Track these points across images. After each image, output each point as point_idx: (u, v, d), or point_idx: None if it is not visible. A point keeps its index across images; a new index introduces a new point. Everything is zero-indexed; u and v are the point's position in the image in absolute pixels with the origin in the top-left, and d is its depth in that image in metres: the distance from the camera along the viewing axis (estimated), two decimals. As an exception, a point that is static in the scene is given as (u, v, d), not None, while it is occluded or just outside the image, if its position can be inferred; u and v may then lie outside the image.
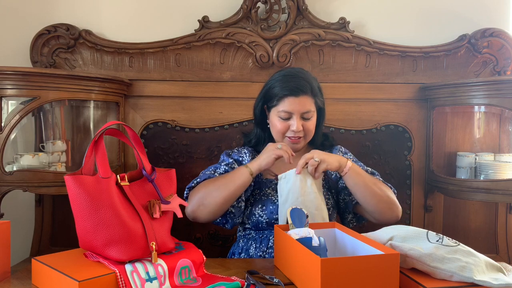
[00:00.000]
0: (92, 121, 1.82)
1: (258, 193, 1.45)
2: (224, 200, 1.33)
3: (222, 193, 1.33)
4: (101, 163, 1.04)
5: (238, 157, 1.50)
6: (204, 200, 1.35)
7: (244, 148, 1.53)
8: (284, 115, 1.41)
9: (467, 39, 1.92)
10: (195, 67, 1.90)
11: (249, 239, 1.45)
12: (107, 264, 1.01)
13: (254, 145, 1.56)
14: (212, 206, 1.34)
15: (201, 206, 1.35)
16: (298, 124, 1.40)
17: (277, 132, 1.44)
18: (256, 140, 1.55)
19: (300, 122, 1.40)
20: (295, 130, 1.40)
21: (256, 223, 1.42)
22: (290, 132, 1.42)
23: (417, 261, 0.99)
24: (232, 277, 1.07)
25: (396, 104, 1.93)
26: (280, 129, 1.42)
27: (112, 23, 1.92)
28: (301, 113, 1.40)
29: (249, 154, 1.50)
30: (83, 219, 1.01)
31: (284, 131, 1.42)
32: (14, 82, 1.53)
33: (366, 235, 1.11)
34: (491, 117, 1.91)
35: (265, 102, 1.48)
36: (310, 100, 1.42)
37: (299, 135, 1.42)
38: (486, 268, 0.97)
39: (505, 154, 1.81)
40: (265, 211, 1.40)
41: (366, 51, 1.91)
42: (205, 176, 1.43)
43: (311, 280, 0.92)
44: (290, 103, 1.39)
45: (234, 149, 1.55)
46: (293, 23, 1.89)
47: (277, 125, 1.43)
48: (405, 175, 1.94)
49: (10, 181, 1.53)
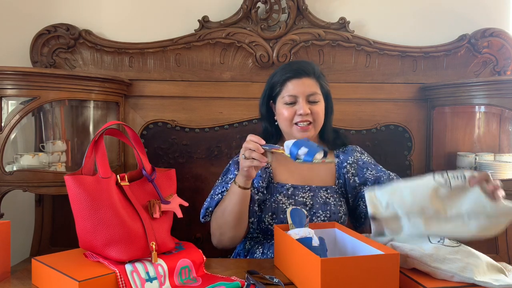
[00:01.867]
0: (92, 121, 1.82)
1: (269, 199, 1.38)
2: (237, 221, 1.30)
3: (231, 217, 1.29)
4: (101, 163, 1.04)
5: None
6: (221, 230, 1.33)
7: None
8: (289, 99, 1.36)
9: (467, 39, 1.92)
10: (195, 67, 1.90)
11: (256, 242, 1.42)
12: (107, 264, 1.01)
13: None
14: (232, 232, 1.32)
15: (222, 236, 1.33)
16: (305, 107, 1.33)
17: (284, 120, 1.38)
18: (264, 136, 1.47)
19: (307, 106, 1.34)
20: (303, 113, 1.33)
21: (265, 231, 1.38)
22: (298, 117, 1.35)
23: (418, 262, 0.99)
24: (232, 277, 1.07)
25: (396, 104, 1.93)
26: (287, 116, 1.36)
27: (112, 23, 1.92)
28: (307, 96, 1.35)
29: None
30: (83, 219, 1.01)
31: (291, 118, 1.36)
32: (14, 82, 1.53)
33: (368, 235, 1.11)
34: (491, 117, 1.91)
35: (270, 96, 1.44)
36: (314, 83, 1.38)
37: (308, 119, 1.35)
38: (487, 269, 0.97)
39: (505, 154, 1.81)
40: (275, 219, 1.36)
41: (366, 51, 1.91)
42: (214, 202, 1.37)
43: (311, 280, 0.92)
44: (294, 86, 1.36)
45: None
46: (293, 23, 1.89)
47: (283, 113, 1.37)
48: (405, 175, 1.92)
49: (10, 181, 1.53)
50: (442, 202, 1.03)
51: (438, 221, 1.05)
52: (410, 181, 1.12)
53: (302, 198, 1.39)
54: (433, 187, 1.05)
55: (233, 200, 1.28)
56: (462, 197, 1.04)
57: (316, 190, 1.40)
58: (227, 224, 1.31)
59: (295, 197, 1.39)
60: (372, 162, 1.49)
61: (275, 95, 1.41)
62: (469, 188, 1.03)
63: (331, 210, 1.38)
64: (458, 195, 1.03)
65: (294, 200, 1.38)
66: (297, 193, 1.39)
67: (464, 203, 1.02)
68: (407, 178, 1.14)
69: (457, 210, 1.02)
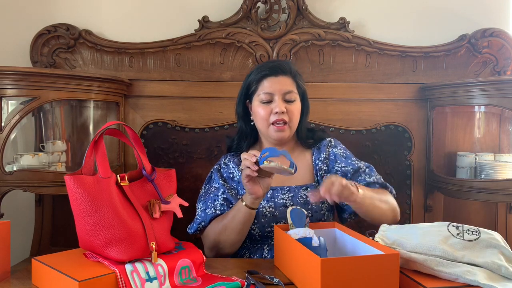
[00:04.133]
0: (92, 121, 1.82)
1: None
2: (239, 237, 1.30)
3: (233, 235, 1.29)
4: (101, 163, 1.04)
5: (228, 174, 1.44)
6: (220, 244, 1.31)
7: (230, 161, 1.46)
8: (265, 97, 1.36)
9: (467, 39, 1.92)
10: (195, 67, 1.90)
11: (243, 247, 1.40)
12: (107, 264, 1.00)
13: (236, 147, 1.49)
14: (231, 248, 1.32)
15: (219, 250, 1.32)
16: (281, 105, 1.34)
17: (261, 120, 1.37)
18: (239, 136, 1.49)
19: (283, 104, 1.35)
20: (278, 111, 1.33)
21: (250, 236, 1.36)
22: (274, 116, 1.34)
23: (421, 265, 0.99)
24: (232, 277, 1.07)
25: (396, 104, 1.93)
26: (263, 115, 1.36)
27: (112, 23, 1.92)
28: (283, 94, 1.35)
29: (236, 167, 1.44)
30: (83, 219, 1.01)
31: (267, 116, 1.35)
32: (14, 82, 1.53)
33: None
34: (491, 117, 1.91)
35: (246, 95, 1.43)
36: (290, 81, 1.38)
37: (284, 118, 1.34)
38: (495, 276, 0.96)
39: (505, 154, 1.81)
40: (256, 224, 1.35)
41: (366, 51, 1.91)
42: (207, 216, 1.36)
43: (311, 280, 0.92)
44: (270, 84, 1.36)
45: (222, 163, 1.48)
46: (293, 23, 1.89)
47: (260, 112, 1.37)
48: (405, 175, 1.94)
49: (10, 181, 1.53)
50: (452, 248, 1.01)
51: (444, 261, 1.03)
52: (422, 224, 1.12)
53: (282, 200, 1.37)
54: (445, 235, 1.03)
55: (237, 219, 1.27)
56: (477, 250, 1.01)
57: (296, 190, 1.39)
58: (228, 241, 1.30)
59: (275, 199, 1.37)
60: (344, 154, 1.46)
61: (251, 93, 1.41)
62: (485, 244, 1.01)
63: (313, 209, 1.37)
64: (473, 247, 1.01)
65: (274, 203, 1.36)
66: (277, 195, 1.38)
67: (479, 256, 0.99)
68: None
69: (469, 259, 0.98)
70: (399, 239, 1.06)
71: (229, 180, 1.44)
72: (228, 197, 1.38)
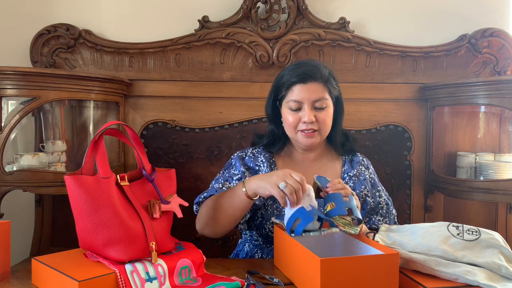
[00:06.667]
0: (92, 121, 1.82)
1: (271, 205, 1.33)
2: (228, 223, 1.24)
3: (224, 217, 1.23)
4: (101, 163, 1.04)
5: (254, 165, 1.38)
6: (209, 221, 1.26)
7: (261, 154, 1.40)
8: (294, 105, 1.29)
9: (467, 39, 1.92)
10: (195, 67, 1.90)
11: (256, 246, 1.39)
12: (107, 264, 1.01)
13: (267, 145, 1.43)
14: (218, 227, 1.26)
15: (207, 226, 1.27)
16: (310, 114, 1.27)
17: (288, 127, 1.32)
18: (272, 138, 1.42)
19: (312, 113, 1.28)
20: (307, 121, 1.27)
21: (266, 236, 1.35)
22: (302, 125, 1.29)
23: (421, 265, 0.99)
24: (232, 277, 1.07)
25: (396, 104, 1.93)
26: (291, 123, 1.30)
27: (112, 23, 1.92)
28: (312, 102, 1.28)
29: (267, 163, 1.36)
30: (83, 219, 1.01)
31: (296, 124, 1.30)
32: (14, 82, 1.53)
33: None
34: (491, 117, 1.91)
35: (276, 97, 1.37)
36: (321, 87, 1.29)
37: (313, 127, 1.28)
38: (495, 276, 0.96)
39: (505, 154, 1.81)
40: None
41: (366, 51, 1.91)
42: (213, 190, 1.31)
43: (311, 280, 0.92)
44: (299, 91, 1.28)
45: (249, 152, 1.41)
46: (293, 23, 1.89)
47: (288, 118, 1.31)
48: (405, 175, 1.94)
49: (10, 181, 1.53)
50: (452, 248, 1.01)
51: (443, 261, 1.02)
52: (422, 224, 1.11)
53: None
54: (445, 235, 1.03)
55: (232, 203, 1.21)
56: (477, 250, 1.01)
57: None
58: (218, 221, 1.25)
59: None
60: (372, 181, 1.43)
61: (281, 98, 1.35)
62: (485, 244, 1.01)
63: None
64: (473, 248, 1.01)
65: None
66: None
67: (480, 256, 0.99)
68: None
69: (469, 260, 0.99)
70: (399, 239, 1.07)
71: (253, 171, 1.38)
72: None
